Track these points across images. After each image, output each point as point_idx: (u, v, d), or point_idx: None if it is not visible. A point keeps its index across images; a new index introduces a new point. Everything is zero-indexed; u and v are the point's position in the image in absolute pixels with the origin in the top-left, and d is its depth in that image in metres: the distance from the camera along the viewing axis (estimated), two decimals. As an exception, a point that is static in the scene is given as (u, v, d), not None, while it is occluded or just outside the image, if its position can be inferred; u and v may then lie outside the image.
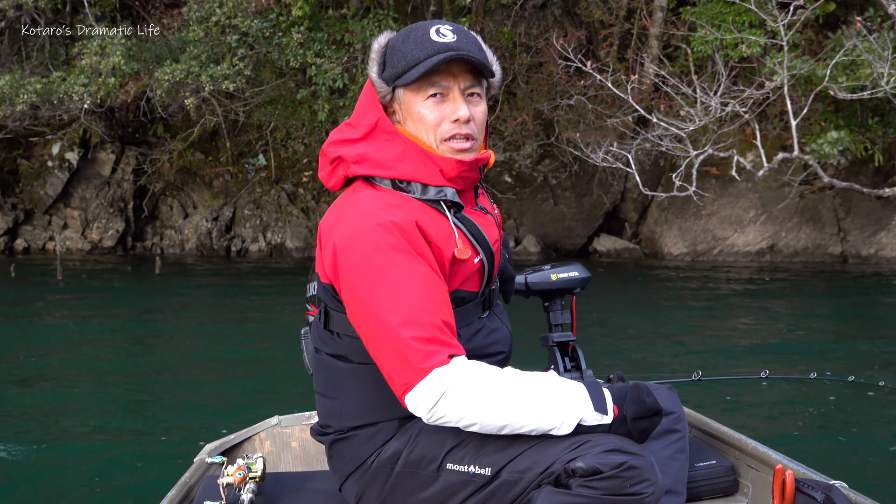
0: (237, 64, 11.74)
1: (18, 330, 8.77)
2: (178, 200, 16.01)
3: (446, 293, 1.83)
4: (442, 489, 1.87)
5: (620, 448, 1.74)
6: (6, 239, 15.31)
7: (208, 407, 5.89)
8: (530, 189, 15.18)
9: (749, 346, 8.03)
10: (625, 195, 15.56)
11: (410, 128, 1.93)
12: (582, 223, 15.50)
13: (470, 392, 1.74)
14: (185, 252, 15.45)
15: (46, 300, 10.62)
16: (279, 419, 2.91)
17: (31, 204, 15.72)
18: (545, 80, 14.04)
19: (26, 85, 11.29)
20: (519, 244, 15.14)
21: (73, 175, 15.61)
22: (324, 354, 2.01)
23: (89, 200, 15.61)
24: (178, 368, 7.23)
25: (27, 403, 6.00)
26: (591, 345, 7.73)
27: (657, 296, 11.28)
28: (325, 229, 1.95)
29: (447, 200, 1.90)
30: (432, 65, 1.83)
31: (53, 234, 15.50)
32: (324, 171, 2.03)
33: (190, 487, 2.41)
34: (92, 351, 7.78)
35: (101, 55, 11.30)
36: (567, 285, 2.51)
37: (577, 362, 2.51)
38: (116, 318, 9.56)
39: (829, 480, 2.20)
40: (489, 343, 2.00)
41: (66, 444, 5.08)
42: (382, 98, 1.92)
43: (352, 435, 1.97)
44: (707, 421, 2.73)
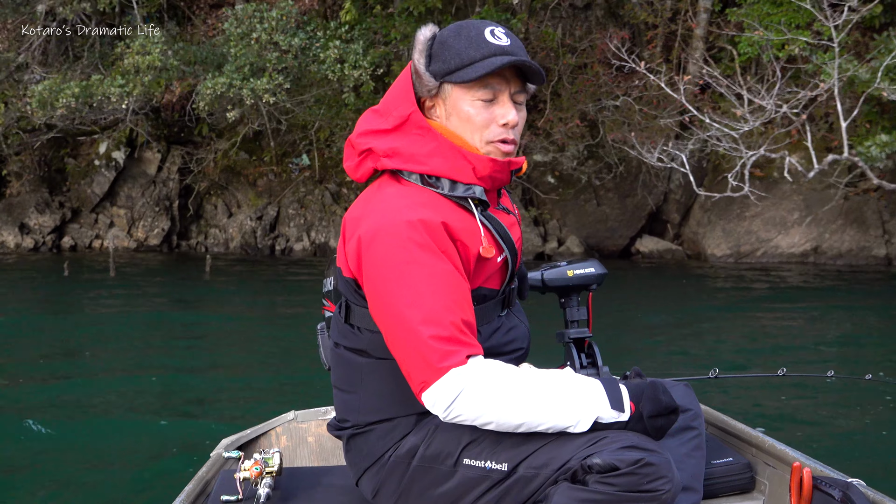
0: (277, 78, 11.83)
1: (72, 323, 8.92)
2: (223, 200, 16.15)
3: (468, 292, 1.84)
4: (458, 484, 1.87)
5: (637, 445, 1.73)
6: (54, 237, 15.51)
7: (240, 400, 5.95)
8: (574, 190, 15.20)
9: (780, 347, 7.98)
10: (668, 196, 15.54)
11: (453, 124, 1.91)
12: (624, 224, 15.49)
13: (486, 392, 1.74)
14: (230, 251, 15.58)
15: (100, 296, 10.76)
16: (295, 414, 2.90)
17: (78, 202, 15.92)
18: (591, 80, 14.05)
19: (65, 89, 11.42)
20: (562, 245, 15.16)
21: (120, 174, 15.79)
22: (343, 349, 2.01)
23: (135, 199, 15.78)
24: (210, 362, 7.29)
25: (57, 391, 6.12)
26: (623, 342, 7.80)
27: (696, 296, 11.26)
28: (350, 222, 1.94)
29: (475, 198, 1.89)
30: (495, 66, 1.83)
31: (100, 233, 15.69)
32: (350, 162, 2.00)
33: (207, 482, 2.41)
34: (135, 345, 7.89)
35: (142, 54, 11.42)
36: (583, 281, 2.49)
37: (594, 359, 2.48)
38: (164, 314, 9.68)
39: (846, 478, 2.17)
40: (508, 341, 2.01)
41: (89, 433, 5.12)
42: (427, 91, 1.91)
43: (369, 430, 1.98)
44: (724, 418, 2.72)
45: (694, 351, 7.78)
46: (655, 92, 13.85)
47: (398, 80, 1.96)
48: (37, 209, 15.53)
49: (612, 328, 2.21)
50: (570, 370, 1.91)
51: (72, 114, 12.07)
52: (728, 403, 5.43)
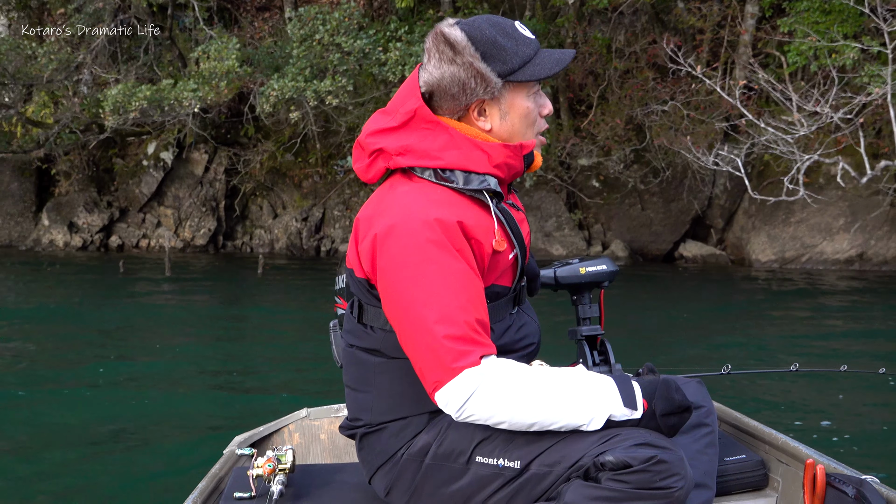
0: (340, 80, 11.92)
1: (133, 320, 9.07)
2: (268, 201, 16.28)
3: (482, 292, 1.83)
4: (471, 482, 1.87)
5: (650, 442, 1.73)
6: (101, 236, 15.68)
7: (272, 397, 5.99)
8: (621, 194, 15.24)
9: (831, 349, 7.97)
10: (712, 201, 15.55)
11: (509, 123, 1.92)
12: (668, 229, 15.52)
13: (499, 392, 1.74)
14: (275, 252, 15.71)
15: (157, 292, 10.90)
16: (308, 411, 2.89)
17: (126, 202, 16.09)
18: (639, 85, 14.11)
19: (137, 93, 11.56)
20: (606, 249, 15.20)
21: (168, 174, 15.95)
22: (355, 349, 2.01)
23: (182, 199, 15.93)
24: (267, 356, 7.37)
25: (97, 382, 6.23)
26: (654, 341, 7.90)
27: (742, 301, 11.28)
28: (364, 221, 1.92)
29: (489, 190, 1.89)
30: (567, 62, 1.89)
31: (147, 232, 15.85)
32: (360, 163, 1.98)
33: (220, 479, 2.40)
34: (191, 341, 8.02)
35: (218, 59, 11.56)
36: (595, 279, 2.48)
37: (606, 356, 2.48)
38: (221, 311, 9.82)
39: (860, 475, 2.17)
40: (519, 338, 2.01)
41: (110, 431, 5.20)
42: (490, 94, 1.88)
43: (382, 428, 1.98)
44: (736, 415, 2.71)
45: (735, 353, 7.77)
46: (704, 97, 13.92)
47: (405, 82, 1.96)
48: (85, 208, 15.71)
49: (607, 324, 2.25)
50: (582, 368, 1.89)
51: (143, 117, 12.20)
52: (740, 400, 5.45)
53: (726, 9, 14.54)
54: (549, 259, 14.97)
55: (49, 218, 15.68)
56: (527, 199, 15.38)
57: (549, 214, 15.34)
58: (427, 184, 1.88)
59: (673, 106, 13.62)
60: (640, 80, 14.16)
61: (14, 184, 16.00)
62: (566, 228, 15.27)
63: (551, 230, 15.29)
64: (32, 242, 15.64)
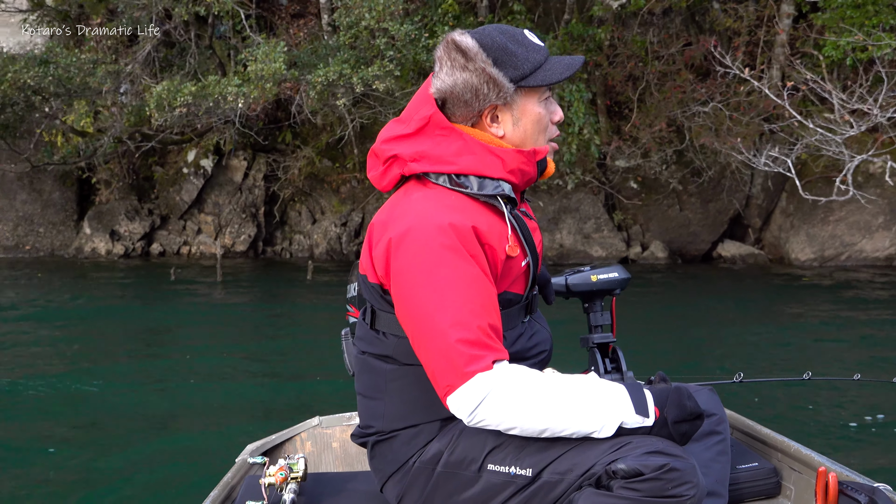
0: (387, 65, 11.99)
1: (189, 324, 9.18)
2: (307, 206, 16.38)
3: (495, 297, 1.84)
4: (483, 490, 1.87)
5: (662, 450, 1.73)
6: (143, 243, 15.80)
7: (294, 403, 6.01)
8: (662, 195, 15.31)
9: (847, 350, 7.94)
10: (749, 201, 15.61)
11: (521, 128, 1.94)
12: (707, 229, 15.58)
13: (510, 397, 1.75)
14: (315, 257, 15.81)
15: (212, 299, 11.01)
16: (320, 420, 2.90)
17: (166, 209, 16.21)
18: (679, 86, 14.18)
19: (182, 89, 11.66)
20: (646, 249, 15.27)
21: (207, 181, 16.07)
22: (368, 356, 2.01)
23: (222, 206, 16.05)
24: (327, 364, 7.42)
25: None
26: (693, 343, 7.90)
27: (787, 302, 11.31)
28: (378, 227, 1.93)
29: (504, 195, 1.90)
30: (578, 67, 1.93)
31: (187, 239, 15.97)
32: (374, 171, 2.01)
33: (232, 487, 2.41)
34: (243, 345, 8.15)
35: (265, 62, 11.66)
36: (607, 286, 2.48)
37: (618, 363, 2.47)
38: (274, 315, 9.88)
39: (872, 483, 2.16)
40: (531, 346, 2.03)
41: (123, 437, 5.22)
42: (503, 99, 1.91)
43: (393, 436, 1.98)
44: (749, 423, 2.70)
45: (785, 354, 7.77)
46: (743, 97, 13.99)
47: (419, 91, 1.98)
48: (127, 216, 15.83)
49: (619, 331, 2.28)
50: (594, 375, 1.90)
51: (187, 115, 12.29)
52: (752, 408, 5.41)
53: (763, 9, 14.59)
54: (588, 261, 15.04)
55: (91, 226, 15.80)
56: (565, 202, 15.47)
57: (588, 216, 15.41)
58: (441, 189, 1.90)
59: (714, 107, 13.70)
60: (681, 82, 14.22)
61: (56, 193, 16.14)
62: (605, 230, 15.35)
63: (590, 232, 15.36)
64: (75, 251, 15.77)
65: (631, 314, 9.99)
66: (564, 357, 2.23)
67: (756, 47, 15.02)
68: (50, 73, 12.39)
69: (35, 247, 15.97)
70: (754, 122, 13.93)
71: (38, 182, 16.04)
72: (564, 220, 15.43)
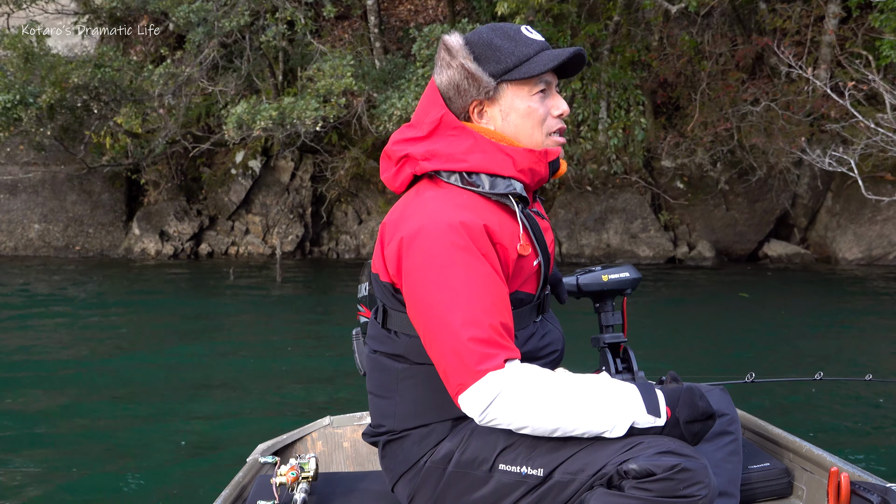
0: None
1: (264, 330, 9.20)
2: (353, 207, 16.50)
3: (507, 296, 1.83)
4: (494, 490, 1.86)
5: (674, 450, 1.72)
6: (192, 244, 15.94)
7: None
8: (709, 195, 15.36)
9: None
10: (795, 200, 15.66)
11: (511, 123, 1.93)
12: (753, 228, 15.62)
13: (522, 396, 1.74)
14: (360, 256, 15.92)
15: (275, 298, 11.11)
16: (331, 419, 2.90)
17: (214, 210, 16.34)
18: (730, 86, 14.24)
19: (262, 111, 11.80)
20: (693, 249, 15.32)
21: (255, 182, 16.19)
22: (379, 355, 2.01)
23: (270, 206, 16.17)
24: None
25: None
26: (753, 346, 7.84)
27: (829, 300, 11.35)
28: (390, 226, 1.93)
29: (515, 194, 1.90)
30: (566, 56, 1.88)
31: (236, 239, 16.09)
32: (387, 173, 2.01)
33: (243, 487, 2.42)
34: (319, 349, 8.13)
35: (334, 77, 11.79)
36: (618, 286, 2.47)
37: (629, 363, 2.46)
38: (342, 314, 9.93)
39: (885, 483, 2.15)
40: (543, 346, 2.02)
41: (137, 434, 5.26)
42: (485, 94, 1.91)
43: (405, 435, 1.97)
44: (760, 423, 2.69)
45: (845, 355, 7.73)
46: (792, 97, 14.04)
47: (425, 93, 1.99)
48: (176, 217, 15.97)
49: (630, 330, 2.29)
50: (605, 375, 1.89)
51: (264, 132, 12.43)
52: (764, 407, 5.42)
53: (814, 9, 14.63)
54: (635, 261, 15.11)
55: (140, 227, 15.95)
56: (612, 202, 15.54)
57: (635, 216, 15.48)
58: (453, 188, 1.90)
59: (766, 106, 13.76)
60: (732, 82, 14.28)
61: (105, 194, 16.29)
62: (652, 230, 15.41)
63: (637, 232, 15.43)
64: (124, 251, 15.92)
65: (678, 314, 10.10)
66: (576, 357, 2.24)
67: (803, 47, 15.06)
68: (105, 76, 12.52)
69: (84, 247, 16.13)
70: (804, 122, 13.98)
71: (88, 183, 16.21)
72: (611, 220, 15.50)
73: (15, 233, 16.11)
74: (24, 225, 16.13)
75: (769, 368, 6.56)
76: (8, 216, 16.13)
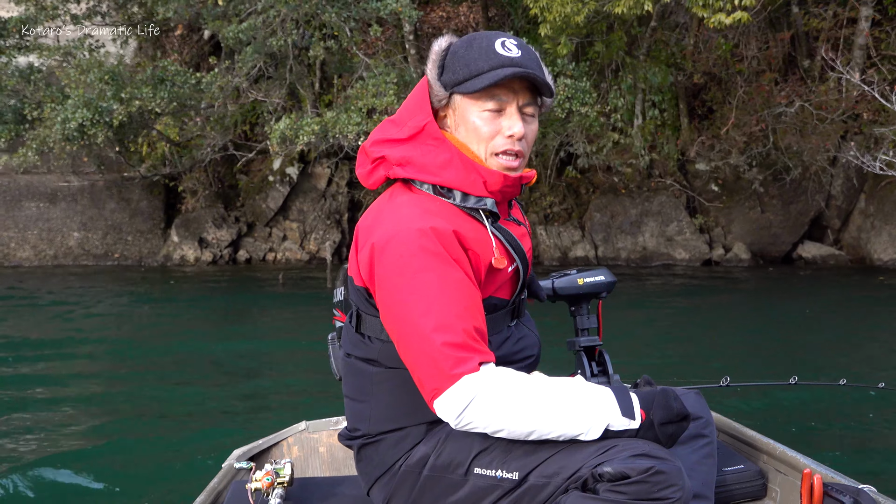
0: None
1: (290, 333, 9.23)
2: (389, 212, 16.63)
3: (479, 300, 1.83)
4: (469, 493, 1.86)
5: (648, 453, 1.72)
6: (230, 251, 16.07)
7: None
8: (744, 197, 15.50)
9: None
10: (829, 202, 15.80)
11: (461, 135, 1.92)
12: (787, 230, 15.76)
13: (497, 399, 1.74)
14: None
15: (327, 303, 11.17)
16: (307, 424, 2.89)
17: (252, 217, 16.48)
18: (764, 87, 14.39)
19: (305, 126, 11.93)
20: (728, 251, 15.45)
21: (292, 189, 16.33)
22: (354, 359, 2.01)
23: (307, 213, 16.30)
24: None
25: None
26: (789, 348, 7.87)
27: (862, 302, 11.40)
28: (363, 231, 1.93)
29: (486, 210, 1.90)
30: (498, 78, 1.82)
31: (273, 246, 16.22)
32: (363, 169, 2.00)
33: (218, 493, 2.40)
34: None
35: (376, 96, 11.93)
36: (594, 290, 2.46)
37: (604, 367, 2.45)
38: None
39: (857, 485, 2.18)
40: (518, 350, 2.01)
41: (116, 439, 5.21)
42: (437, 101, 1.91)
43: (380, 439, 1.97)
44: (735, 425, 2.71)
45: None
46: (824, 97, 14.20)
47: (414, 91, 1.97)
48: (214, 224, 16.10)
49: (606, 334, 2.34)
50: (581, 378, 1.87)
51: (306, 146, 12.58)
52: (739, 411, 5.43)
53: (847, 11, 14.78)
54: (672, 263, 15.24)
55: (178, 234, 16.08)
56: (647, 205, 15.67)
57: (671, 219, 15.61)
58: (425, 195, 1.90)
59: (799, 107, 13.92)
60: (766, 83, 14.43)
61: (143, 202, 16.42)
62: (687, 232, 15.54)
63: (673, 234, 15.56)
64: (163, 258, 16.05)
65: (720, 315, 10.22)
66: (551, 361, 2.24)
67: (835, 49, 15.20)
68: (171, 93, 12.69)
69: (123, 255, 16.26)
70: (837, 122, 14.12)
71: (126, 191, 16.34)
72: (647, 223, 15.63)
73: (55, 241, 16.24)
74: (64, 233, 16.27)
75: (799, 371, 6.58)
76: (48, 224, 16.27)
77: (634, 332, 8.85)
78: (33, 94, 13.48)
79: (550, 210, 16.18)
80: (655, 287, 12.76)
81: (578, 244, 15.70)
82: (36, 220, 16.25)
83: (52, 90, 13.29)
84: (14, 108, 13.95)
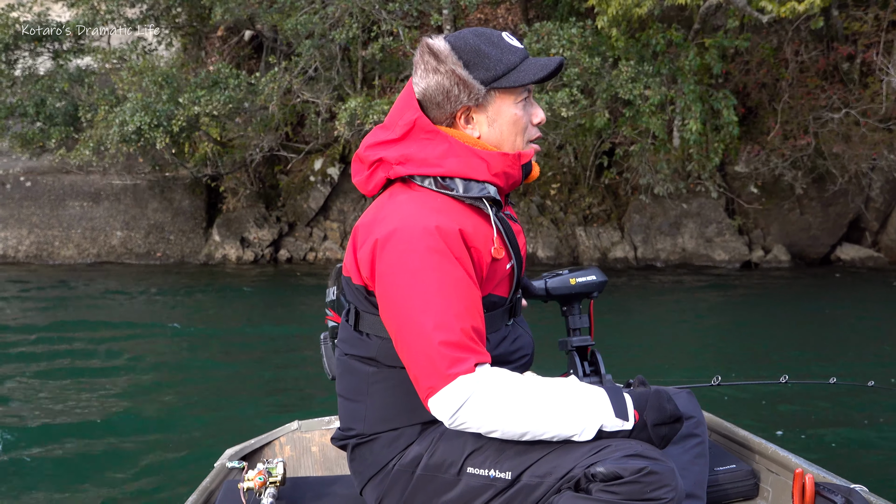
0: (576, 94, 12.24)
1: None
2: (428, 212, 16.75)
3: (479, 300, 1.84)
4: (462, 493, 1.87)
5: (641, 453, 1.73)
6: (271, 250, 16.22)
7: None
8: (783, 198, 15.57)
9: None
10: (868, 204, 15.86)
11: (496, 130, 1.94)
12: (826, 232, 15.82)
13: (492, 400, 1.75)
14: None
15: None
16: (299, 424, 2.89)
17: (293, 217, 16.62)
18: (810, 93, 14.45)
19: (374, 106, 12.06)
20: (768, 253, 15.53)
21: (332, 189, 16.47)
22: (350, 358, 2.01)
23: (347, 213, 16.44)
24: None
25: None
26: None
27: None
28: (363, 228, 1.94)
29: (489, 198, 1.91)
30: (552, 69, 1.89)
31: (314, 245, 16.36)
32: (359, 176, 2.01)
33: (210, 492, 2.40)
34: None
35: None
36: (586, 289, 2.46)
37: (597, 367, 2.46)
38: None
39: (849, 484, 2.19)
40: (514, 349, 2.03)
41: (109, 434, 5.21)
42: (475, 100, 1.91)
43: (374, 438, 1.98)
44: (727, 425, 2.72)
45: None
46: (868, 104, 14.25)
47: (400, 96, 1.98)
48: (255, 224, 16.25)
49: (597, 334, 2.36)
50: (574, 378, 1.89)
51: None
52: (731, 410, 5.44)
53: (891, 14, 14.83)
54: (710, 265, 15.32)
55: (220, 234, 16.24)
56: (686, 206, 15.76)
57: (710, 221, 15.70)
58: (427, 192, 1.90)
59: (844, 113, 13.99)
60: (812, 88, 14.50)
61: (185, 201, 16.59)
62: (727, 234, 15.62)
63: (712, 236, 15.65)
64: (205, 257, 16.20)
65: (758, 316, 10.30)
66: (544, 361, 2.27)
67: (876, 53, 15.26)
68: (227, 98, 12.84)
69: (165, 254, 16.43)
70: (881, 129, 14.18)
71: (169, 191, 16.51)
72: (686, 225, 15.72)
73: (98, 240, 16.42)
74: (107, 232, 16.45)
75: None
76: (91, 223, 16.45)
77: (671, 333, 8.92)
78: (88, 96, 13.64)
79: (590, 211, 16.28)
80: (696, 286, 12.86)
81: (618, 245, 15.79)
82: (80, 219, 16.44)
83: (106, 93, 13.45)
84: (64, 109, 14.12)
